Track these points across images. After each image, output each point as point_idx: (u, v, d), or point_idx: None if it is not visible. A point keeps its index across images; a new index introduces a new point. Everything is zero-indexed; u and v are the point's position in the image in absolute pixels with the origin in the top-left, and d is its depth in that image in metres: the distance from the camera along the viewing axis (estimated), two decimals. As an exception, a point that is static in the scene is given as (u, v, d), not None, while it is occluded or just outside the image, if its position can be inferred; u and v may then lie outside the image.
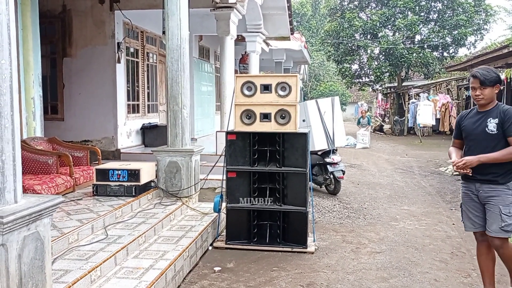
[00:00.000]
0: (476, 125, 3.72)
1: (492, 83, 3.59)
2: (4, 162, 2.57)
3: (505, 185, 3.59)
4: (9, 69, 2.59)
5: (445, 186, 9.45)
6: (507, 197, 3.59)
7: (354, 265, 4.79)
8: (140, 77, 10.12)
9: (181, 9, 5.93)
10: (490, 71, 3.64)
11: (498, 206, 3.58)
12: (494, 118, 3.61)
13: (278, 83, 5.20)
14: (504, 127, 3.55)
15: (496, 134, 3.59)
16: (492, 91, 3.62)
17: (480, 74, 3.62)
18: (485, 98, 3.63)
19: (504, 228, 3.58)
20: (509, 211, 3.58)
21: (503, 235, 3.61)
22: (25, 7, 6.32)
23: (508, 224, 3.57)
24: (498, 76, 3.66)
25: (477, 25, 22.69)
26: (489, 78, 3.59)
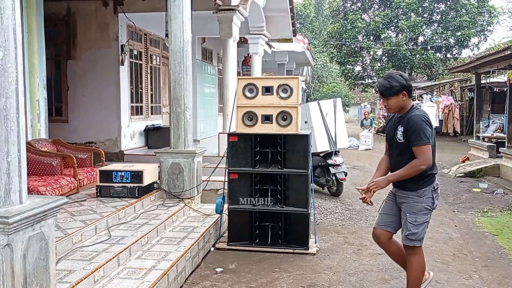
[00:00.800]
0: (391, 131, 3.64)
1: (393, 93, 3.45)
2: (10, 164, 2.62)
3: (415, 192, 3.49)
4: (15, 72, 2.64)
5: (448, 188, 9.46)
6: (416, 205, 3.49)
7: (355, 266, 4.82)
8: (144, 79, 10.19)
9: (184, 12, 5.98)
10: (392, 81, 3.46)
11: (406, 214, 3.52)
12: (402, 125, 3.50)
13: (280, 85, 5.24)
14: (408, 136, 3.43)
15: (404, 142, 3.48)
16: (398, 99, 3.47)
17: (379, 85, 3.54)
18: (392, 107, 3.53)
19: (408, 237, 3.50)
20: (415, 219, 3.48)
21: (407, 243, 3.54)
22: (30, 11, 6.39)
23: (412, 233, 3.48)
24: (400, 84, 3.45)
25: (480, 26, 22.70)
26: (388, 89, 3.45)
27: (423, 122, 3.39)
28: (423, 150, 3.36)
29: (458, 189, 9.37)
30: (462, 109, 22.48)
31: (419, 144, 3.37)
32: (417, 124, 3.38)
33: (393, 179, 3.49)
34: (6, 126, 2.58)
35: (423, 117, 3.42)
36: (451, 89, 24.91)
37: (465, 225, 6.55)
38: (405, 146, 3.46)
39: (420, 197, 3.47)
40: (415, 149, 3.39)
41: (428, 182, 3.50)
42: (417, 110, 3.50)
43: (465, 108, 22.69)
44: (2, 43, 2.55)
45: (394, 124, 3.60)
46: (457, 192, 9.04)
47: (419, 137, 3.36)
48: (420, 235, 3.51)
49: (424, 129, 3.37)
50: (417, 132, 3.37)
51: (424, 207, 3.49)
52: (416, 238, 3.49)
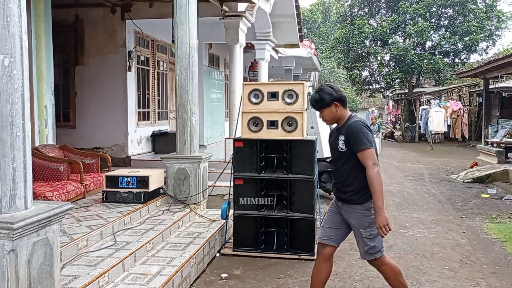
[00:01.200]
0: (332, 141, 3.58)
1: (325, 105, 3.45)
2: (15, 170, 2.64)
3: (362, 205, 3.38)
4: (21, 79, 2.67)
5: (456, 194, 9.39)
6: (366, 218, 3.37)
7: (361, 273, 4.79)
8: (151, 84, 10.25)
9: (190, 19, 6.02)
10: (322, 93, 3.46)
11: (359, 230, 3.41)
12: (342, 134, 3.43)
13: (285, 90, 5.24)
14: (350, 143, 3.36)
15: (346, 151, 3.41)
16: (331, 110, 3.47)
17: (311, 100, 3.54)
18: (328, 119, 3.53)
19: (368, 251, 3.43)
20: (370, 233, 3.36)
21: (370, 258, 3.47)
22: (38, 18, 6.46)
23: (371, 247, 3.40)
24: (330, 96, 3.44)
25: (488, 31, 22.56)
26: (319, 102, 3.46)
27: (363, 127, 3.36)
28: (369, 154, 3.28)
29: (466, 194, 9.29)
30: (471, 114, 22.34)
31: (364, 148, 3.29)
32: (357, 130, 3.33)
33: (380, 204, 3.25)
34: (11, 132, 2.61)
35: (361, 123, 3.40)
36: (459, 94, 24.78)
37: (473, 231, 6.49)
38: (348, 155, 3.39)
39: (368, 210, 3.37)
40: (361, 155, 3.31)
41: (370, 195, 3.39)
42: (355, 118, 3.48)
43: (473, 113, 22.54)
44: (8, 50, 2.58)
45: (335, 135, 3.54)
46: (465, 198, 8.97)
47: (361, 142, 3.30)
48: (378, 246, 3.43)
49: (365, 133, 3.33)
50: (359, 137, 3.31)
51: (373, 218, 3.34)
52: (376, 251, 3.42)
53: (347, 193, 3.43)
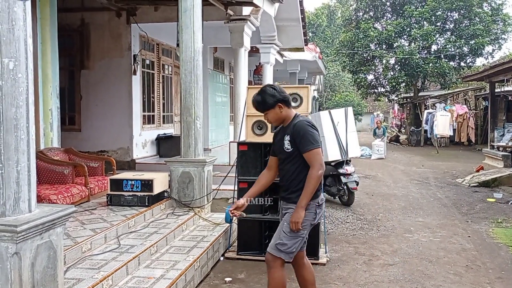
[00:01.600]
0: (278, 141, 3.48)
1: (268, 107, 3.35)
2: (19, 173, 2.65)
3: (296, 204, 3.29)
4: (25, 82, 2.68)
5: (462, 198, 9.33)
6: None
7: (366, 277, 4.76)
8: (156, 88, 10.27)
9: (195, 22, 6.03)
10: (265, 95, 3.35)
11: (284, 222, 3.34)
12: (288, 134, 3.35)
13: (290, 94, 5.20)
14: (296, 143, 3.29)
15: (292, 151, 3.33)
16: (275, 112, 3.37)
17: (254, 102, 3.43)
18: (272, 120, 3.45)
19: (277, 246, 3.31)
20: (290, 230, 3.28)
21: (274, 253, 3.32)
22: (44, 21, 6.50)
23: (282, 243, 3.29)
24: (273, 97, 3.34)
25: (494, 35, 22.46)
26: (262, 104, 3.36)
27: (309, 126, 3.30)
28: (314, 155, 3.24)
29: (472, 199, 9.23)
30: (477, 118, 22.24)
31: (310, 149, 3.24)
32: (303, 130, 3.27)
33: (304, 203, 3.23)
34: (16, 135, 2.62)
35: (307, 122, 3.34)
36: (465, 98, 24.67)
37: (479, 236, 6.45)
38: (294, 155, 3.33)
39: (307, 209, 3.29)
40: (307, 155, 3.26)
41: (314, 196, 3.32)
42: (300, 117, 3.41)
43: (479, 117, 22.43)
44: (13, 54, 2.59)
45: (281, 135, 3.46)
46: (471, 202, 8.91)
47: (308, 142, 3.24)
48: (290, 248, 3.30)
49: (311, 133, 3.27)
50: (305, 137, 3.26)
51: (304, 221, 3.27)
52: (285, 250, 3.29)
53: (294, 193, 3.34)
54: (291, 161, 3.36)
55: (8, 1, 2.54)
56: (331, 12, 44.67)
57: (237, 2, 7.99)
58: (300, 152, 3.28)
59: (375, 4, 24.93)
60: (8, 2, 2.54)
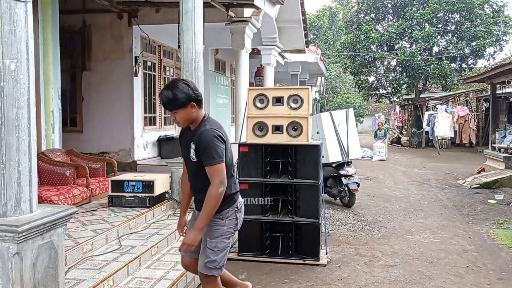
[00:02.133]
0: (186, 147, 3.14)
1: (179, 105, 2.96)
2: (20, 173, 2.66)
3: (218, 214, 3.05)
4: (27, 83, 2.70)
5: (463, 199, 9.32)
6: (218, 229, 3.08)
7: (366, 278, 4.76)
8: (157, 90, 10.28)
9: (196, 24, 6.04)
10: (177, 91, 2.95)
11: (206, 239, 3.07)
12: (194, 143, 3.04)
13: (290, 95, 5.24)
14: (200, 153, 2.99)
15: (197, 162, 3.03)
16: (186, 112, 2.99)
17: (162, 97, 3.01)
18: (181, 121, 3.06)
19: (207, 265, 3.07)
20: (216, 245, 3.06)
21: (206, 272, 3.10)
22: (46, 23, 6.53)
23: (211, 260, 3.06)
24: (186, 95, 2.97)
25: (496, 36, 22.47)
26: (173, 101, 2.96)
27: (215, 138, 2.97)
28: (217, 170, 2.94)
29: (473, 200, 9.23)
30: (478, 120, 22.23)
31: (212, 164, 2.94)
32: (208, 141, 2.95)
33: (203, 225, 2.97)
34: (17, 136, 2.64)
35: (214, 131, 2.99)
36: (466, 100, 24.66)
37: (480, 237, 6.44)
38: (199, 166, 3.03)
39: (223, 220, 3.09)
40: (208, 170, 2.97)
41: (231, 202, 3.14)
42: (208, 123, 3.06)
43: (480, 118, 22.42)
44: (14, 55, 2.61)
45: (187, 140, 3.13)
46: (472, 203, 8.91)
47: (210, 156, 2.93)
48: (220, 262, 3.11)
49: (215, 146, 2.95)
50: (209, 150, 2.94)
51: (227, 230, 3.10)
52: (215, 266, 3.08)
53: (202, 202, 3.03)
54: (196, 172, 3.09)
55: (10, 3, 2.56)
56: (333, 14, 44.72)
57: (238, 4, 8.00)
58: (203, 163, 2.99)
59: (377, 6, 24.96)
60: (9, 3, 2.56)
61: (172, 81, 3.09)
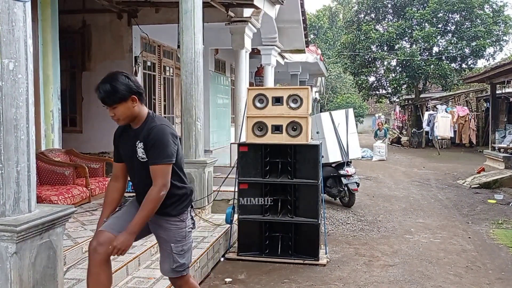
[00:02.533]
0: (129, 147, 2.87)
1: (119, 99, 2.71)
2: (19, 173, 2.66)
3: (178, 217, 2.91)
4: (25, 83, 2.69)
5: (462, 199, 9.32)
6: (179, 232, 2.92)
7: (366, 278, 4.76)
8: (157, 90, 10.29)
9: (196, 24, 6.04)
10: (116, 83, 2.70)
11: (170, 244, 2.90)
12: (141, 141, 2.79)
13: (290, 95, 5.25)
14: (147, 151, 2.75)
15: (148, 162, 2.78)
16: (127, 107, 2.75)
17: (99, 91, 2.72)
18: (121, 118, 2.80)
19: (176, 269, 2.95)
20: (182, 248, 2.93)
21: (176, 275, 2.99)
22: (45, 23, 6.52)
23: (180, 264, 2.93)
24: (126, 87, 2.72)
25: (495, 36, 22.47)
26: (111, 94, 2.70)
27: (169, 135, 2.75)
28: (162, 171, 2.72)
29: (473, 200, 9.23)
30: (478, 120, 22.22)
31: (158, 163, 2.71)
32: (160, 137, 2.73)
33: (137, 229, 2.74)
34: (16, 135, 2.63)
35: (168, 128, 2.79)
36: (466, 100, 24.66)
37: (479, 237, 6.44)
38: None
39: (183, 221, 2.94)
40: (153, 169, 2.72)
41: (189, 203, 2.99)
42: (158, 119, 2.85)
43: (480, 118, 22.42)
44: (13, 55, 2.60)
45: (131, 139, 2.86)
46: (472, 203, 8.91)
47: (158, 154, 2.71)
48: (188, 262, 3.02)
49: (167, 144, 2.73)
50: (159, 147, 2.72)
51: (188, 230, 2.98)
52: (185, 268, 2.98)
53: (170, 206, 2.87)
54: (148, 173, 2.79)
55: (8, 2, 2.56)
56: (333, 14, 44.76)
57: (238, 4, 8.00)
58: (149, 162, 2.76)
59: (377, 6, 24.97)
60: (8, 3, 2.56)
61: (110, 74, 2.80)
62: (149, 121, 2.82)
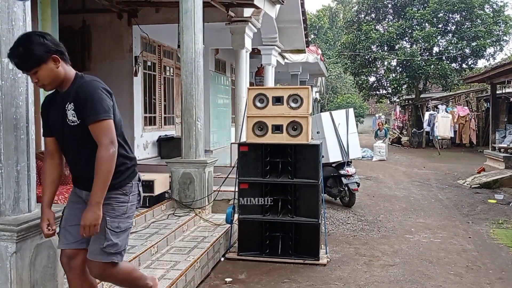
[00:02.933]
0: (57, 113, 2.57)
1: (36, 62, 2.40)
2: (19, 172, 2.66)
3: (121, 190, 2.64)
4: (25, 82, 2.69)
5: (463, 199, 9.32)
6: (121, 206, 2.63)
7: (366, 277, 4.76)
8: (157, 90, 10.29)
9: (196, 24, 6.05)
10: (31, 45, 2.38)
11: (105, 218, 2.55)
12: (71, 102, 2.50)
13: (290, 95, 5.24)
14: (81, 111, 2.47)
15: (80, 125, 2.50)
16: (49, 68, 2.45)
17: (12, 56, 2.40)
18: (46, 82, 2.50)
19: (106, 249, 2.56)
20: (118, 225, 2.60)
21: (105, 259, 2.58)
22: (45, 23, 6.51)
23: (112, 244, 2.57)
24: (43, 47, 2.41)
25: (496, 36, 22.46)
26: (27, 58, 2.38)
27: (99, 90, 2.51)
28: (104, 128, 2.46)
29: (473, 200, 9.22)
30: (478, 120, 22.22)
31: (97, 119, 2.45)
32: (90, 93, 2.47)
33: (101, 196, 2.47)
34: (15, 135, 2.63)
35: (97, 82, 2.55)
36: (466, 100, 24.65)
37: (480, 237, 6.44)
38: (85, 129, 2.50)
39: (127, 195, 2.66)
40: (93, 128, 2.45)
41: (133, 174, 2.74)
42: (87, 77, 2.60)
43: (481, 118, 22.41)
44: (13, 54, 2.60)
45: (59, 105, 2.56)
46: (472, 203, 8.90)
47: (95, 111, 2.45)
48: (122, 246, 2.65)
49: (100, 98, 2.48)
50: (92, 102, 2.45)
51: (130, 207, 2.68)
52: (117, 250, 2.62)
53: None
54: (81, 138, 2.54)
55: (8, 1, 2.56)
56: (333, 14, 44.76)
57: (238, 4, 7.99)
58: (86, 123, 2.49)
59: (377, 6, 24.96)
60: (7, 2, 2.56)
61: (21, 35, 2.48)
62: (78, 79, 2.56)
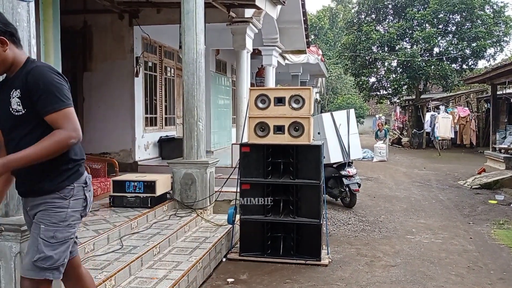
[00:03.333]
0: (2, 102, 2.27)
1: None
2: (23, 173, 2.66)
3: (58, 193, 2.28)
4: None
5: (463, 200, 9.32)
6: (58, 212, 2.27)
7: (368, 278, 4.77)
8: (158, 90, 10.30)
9: (197, 24, 6.06)
10: None
11: (40, 226, 2.24)
12: (17, 88, 2.20)
13: (292, 95, 5.25)
14: (33, 101, 2.17)
15: (25, 115, 2.21)
16: None
17: None
18: None
19: (37, 263, 2.20)
20: (54, 235, 2.23)
21: (34, 275, 2.20)
22: (47, 23, 6.52)
23: (45, 256, 2.20)
24: None
25: (496, 37, 22.48)
26: None
27: (54, 74, 2.22)
28: (67, 116, 2.18)
29: (474, 200, 9.23)
30: (479, 120, 22.23)
31: (58, 108, 2.16)
32: (45, 79, 2.17)
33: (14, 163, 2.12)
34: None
35: (50, 68, 2.26)
36: (467, 100, 24.66)
37: (481, 237, 6.44)
38: (30, 121, 2.21)
39: (66, 199, 2.29)
40: (54, 118, 2.15)
41: (75, 175, 2.36)
42: (38, 62, 2.36)
43: (481, 119, 22.42)
44: (17, 55, 2.61)
45: (4, 92, 2.27)
46: (473, 204, 8.91)
47: (54, 99, 2.15)
48: (59, 260, 2.25)
49: (58, 84, 2.19)
50: (49, 90, 2.15)
51: (72, 214, 2.30)
52: (50, 265, 2.23)
53: (29, 182, 2.29)
54: (25, 131, 2.24)
55: (12, 2, 2.57)
56: (333, 15, 44.76)
57: (239, 4, 8.00)
58: (40, 114, 2.18)
59: (377, 7, 24.97)
60: (12, 3, 2.57)
61: None
62: (29, 64, 2.27)
